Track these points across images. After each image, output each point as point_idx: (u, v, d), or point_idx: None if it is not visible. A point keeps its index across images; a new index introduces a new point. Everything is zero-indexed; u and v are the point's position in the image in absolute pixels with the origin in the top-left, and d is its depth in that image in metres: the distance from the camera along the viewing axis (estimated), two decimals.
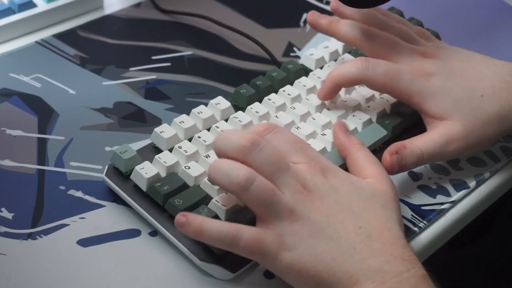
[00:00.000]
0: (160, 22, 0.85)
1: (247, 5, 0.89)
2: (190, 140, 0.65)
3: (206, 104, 0.69)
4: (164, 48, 0.81)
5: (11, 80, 0.74)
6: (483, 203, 0.70)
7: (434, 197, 0.67)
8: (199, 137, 0.65)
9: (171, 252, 0.60)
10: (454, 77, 0.68)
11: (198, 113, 0.67)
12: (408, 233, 0.64)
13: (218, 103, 0.69)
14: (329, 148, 0.66)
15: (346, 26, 0.71)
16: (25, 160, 0.66)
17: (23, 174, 0.65)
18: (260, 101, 0.71)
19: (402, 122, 0.71)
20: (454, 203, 0.67)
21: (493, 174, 0.71)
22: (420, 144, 0.66)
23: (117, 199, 0.63)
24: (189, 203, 0.59)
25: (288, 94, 0.71)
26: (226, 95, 0.70)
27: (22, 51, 0.78)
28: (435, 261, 0.62)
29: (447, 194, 0.68)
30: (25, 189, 0.63)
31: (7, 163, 0.66)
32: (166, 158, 0.62)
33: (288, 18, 0.88)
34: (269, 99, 0.70)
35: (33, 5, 0.81)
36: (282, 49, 0.83)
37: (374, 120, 0.71)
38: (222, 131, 0.64)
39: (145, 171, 0.61)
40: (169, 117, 0.70)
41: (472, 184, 0.69)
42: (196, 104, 0.69)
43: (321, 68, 0.76)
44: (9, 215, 0.61)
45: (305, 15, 0.88)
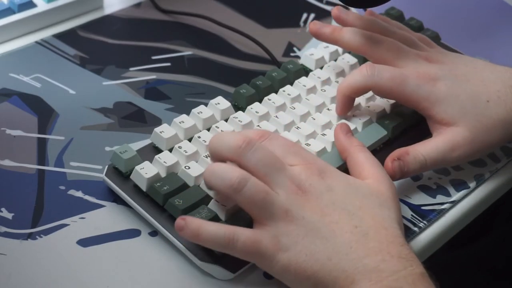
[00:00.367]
0: (160, 22, 0.85)
1: (247, 5, 0.89)
2: (190, 140, 0.65)
3: (206, 104, 0.69)
4: (164, 48, 0.81)
5: (11, 80, 0.74)
6: (483, 203, 0.70)
7: (434, 197, 0.67)
8: (199, 137, 0.65)
9: (171, 252, 0.60)
10: (460, 82, 0.68)
11: (198, 113, 0.67)
12: (408, 233, 0.64)
13: (218, 103, 0.69)
14: (329, 148, 0.66)
15: (349, 33, 0.71)
16: (25, 160, 0.66)
17: (23, 174, 0.65)
18: (260, 101, 0.71)
19: (402, 122, 0.71)
20: (454, 203, 0.67)
21: (493, 174, 0.71)
22: (424, 151, 0.65)
23: (117, 199, 0.63)
24: (189, 203, 0.59)
25: (288, 94, 0.71)
26: (226, 95, 0.70)
27: (22, 51, 0.78)
28: (435, 261, 0.62)
29: (447, 194, 0.68)
30: (25, 189, 0.63)
31: (7, 163, 0.66)
32: (166, 158, 0.62)
33: (288, 18, 0.88)
34: (269, 99, 0.70)
35: (33, 5, 0.81)
36: (282, 49, 0.83)
37: (374, 120, 0.71)
38: (218, 133, 0.64)
39: (145, 171, 0.61)
40: (169, 117, 0.70)
41: (472, 184, 0.69)
42: (196, 104, 0.69)
43: (321, 68, 0.76)
44: (9, 215, 0.61)
45: (305, 15, 0.88)
